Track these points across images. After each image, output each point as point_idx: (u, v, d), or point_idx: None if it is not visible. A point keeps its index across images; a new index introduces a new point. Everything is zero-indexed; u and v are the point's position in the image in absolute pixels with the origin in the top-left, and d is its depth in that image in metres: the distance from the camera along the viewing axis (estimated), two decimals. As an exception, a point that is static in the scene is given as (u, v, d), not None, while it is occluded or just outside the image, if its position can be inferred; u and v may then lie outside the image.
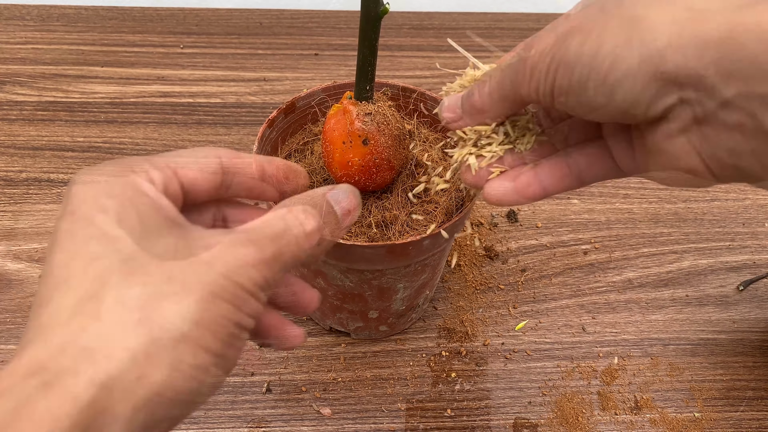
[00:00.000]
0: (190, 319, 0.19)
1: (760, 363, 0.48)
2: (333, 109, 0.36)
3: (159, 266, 0.20)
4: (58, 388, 0.17)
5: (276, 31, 0.79)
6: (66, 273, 0.19)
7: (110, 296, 0.19)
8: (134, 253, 0.20)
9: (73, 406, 0.17)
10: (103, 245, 0.20)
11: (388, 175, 0.37)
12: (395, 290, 0.42)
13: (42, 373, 0.17)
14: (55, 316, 0.18)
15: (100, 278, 0.19)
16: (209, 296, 0.20)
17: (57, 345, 0.18)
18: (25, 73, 0.70)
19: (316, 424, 0.43)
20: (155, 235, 0.21)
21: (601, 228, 0.57)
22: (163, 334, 0.19)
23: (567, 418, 0.44)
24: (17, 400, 0.17)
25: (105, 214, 0.20)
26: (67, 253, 0.20)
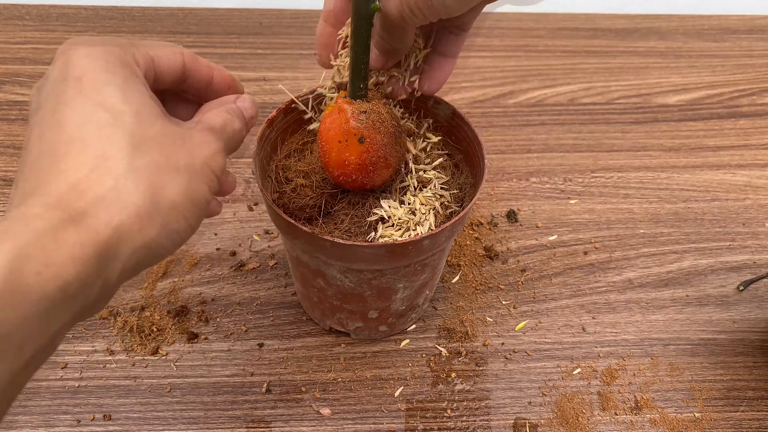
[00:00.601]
0: (182, 193, 0.24)
1: (761, 363, 0.48)
2: (328, 109, 0.36)
3: (157, 145, 0.24)
4: (83, 223, 0.21)
5: (276, 30, 0.79)
6: (80, 132, 0.23)
7: (124, 161, 0.23)
8: (136, 129, 0.24)
9: (95, 240, 0.21)
10: (112, 116, 0.23)
11: (385, 173, 0.37)
12: (395, 290, 0.42)
13: (67, 209, 0.21)
14: (74, 167, 0.22)
15: (114, 144, 0.23)
16: (195, 177, 0.25)
17: (79, 190, 0.22)
18: (25, 73, 0.70)
19: (316, 425, 0.43)
20: (149, 116, 0.25)
21: (601, 228, 0.57)
22: (161, 201, 0.23)
23: (567, 418, 0.44)
24: (51, 225, 0.20)
25: (111, 87, 0.24)
26: (79, 115, 0.23)
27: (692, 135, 0.68)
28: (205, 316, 0.49)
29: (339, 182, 0.37)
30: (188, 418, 0.43)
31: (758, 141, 0.67)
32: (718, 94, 0.73)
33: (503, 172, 0.62)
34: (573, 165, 0.63)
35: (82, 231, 0.21)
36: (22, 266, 0.19)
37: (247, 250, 0.54)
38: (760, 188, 0.62)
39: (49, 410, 0.43)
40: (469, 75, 0.73)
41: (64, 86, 0.24)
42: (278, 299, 0.50)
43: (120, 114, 0.23)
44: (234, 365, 0.46)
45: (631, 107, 0.71)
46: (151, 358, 0.46)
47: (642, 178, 0.62)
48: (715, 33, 0.82)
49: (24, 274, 0.19)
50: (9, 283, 0.19)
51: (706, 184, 0.62)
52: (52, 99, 0.24)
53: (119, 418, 0.43)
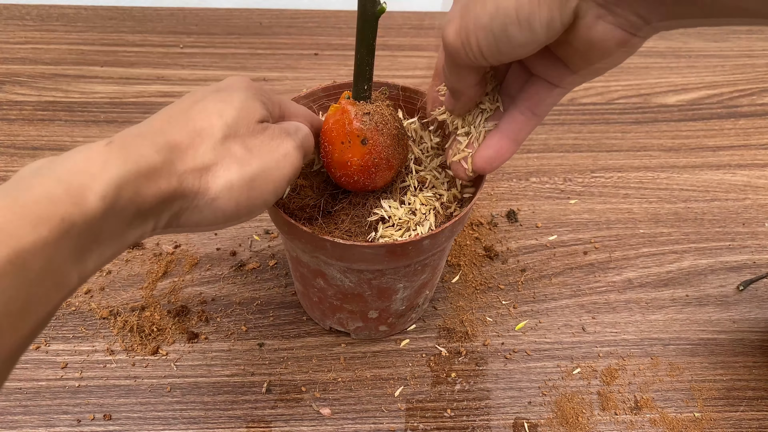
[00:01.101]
0: (246, 177, 0.29)
1: (760, 363, 0.48)
2: (331, 109, 0.36)
3: (243, 138, 0.30)
4: (170, 167, 0.27)
5: (276, 30, 0.79)
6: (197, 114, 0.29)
7: (212, 140, 0.29)
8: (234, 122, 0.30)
9: (170, 182, 0.26)
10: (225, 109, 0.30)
11: (387, 175, 0.37)
12: (395, 290, 0.42)
13: (162, 153, 0.27)
14: (178, 130, 0.28)
15: (212, 126, 0.29)
16: (268, 165, 0.31)
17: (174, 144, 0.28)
18: (25, 73, 0.70)
19: (316, 424, 0.43)
20: (247, 120, 0.31)
21: (601, 228, 0.57)
22: (221, 176, 0.29)
23: (567, 418, 0.44)
24: (146, 162, 0.25)
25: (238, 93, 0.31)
26: (207, 105, 0.30)
27: (692, 135, 0.68)
28: (206, 316, 0.49)
29: (341, 183, 0.37)
30: (188, 417, 0.43)
31: (758, 141, 0.67)
32: (717, 94, 0.73)
33: (503, 172, 0.62)
34: (573, 165, 0.63)
35: (163, 175, 0.26)
36: (123, 189, 0.24)
37: (248, 250, 0.54)
38: (760, 188, 0.62)
39: (49, 410, 0.43)
40: (469, 75, 0.73)
41: (213, 92, 0.31)
42: (278, 299, 0.50)
43: (231, 108, 0.30)
44: (234, 365, 0.46)
45: (631, 107, 0.71)
46: (152, 358, 0.46)
47: (642, 178, 0.62)
48: (715, 33, 0.82)
49: (123, 195, 0.24)
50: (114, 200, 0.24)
51: (706, 184, 0.62)
52: (199, 95, 0.31)
53: (119, 417, 0.43)
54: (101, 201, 0.23)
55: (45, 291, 0.22)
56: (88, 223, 0.23)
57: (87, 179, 0.23)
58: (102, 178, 0.23)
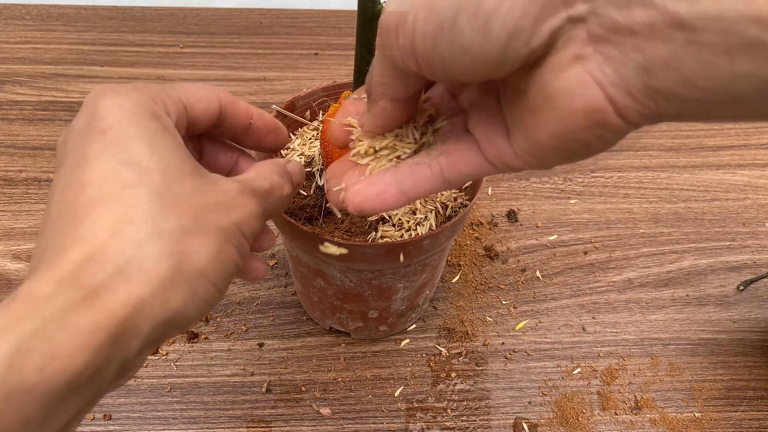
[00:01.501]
0: (211, 258, 0.21)
1: (761, 363, 0.48)
2: (332, 109, 0.36)
3: (186, 205, 0.21)
4: (98, 302, 0.19)
5: (276, 30, 0.79)
6: (101, 193, 0.20)
7: (147, 225, 0.20)
8: (164, 188, 0.21)
9: (111, 321, 0.19)
10: (137, 175, 0.21)
11: (387, 175, 0.37)
12: (395, 290, 0.42)
13: (81, 285, 0.19)
14: (92, 232, 0.20)
15: (137, 206, 0.20)
16: (224, 240, 0.22)
17: (96, 261, 0.19)
18: (25, 73, 0.70)
19: (316, 424, 0.43)
20: (179, 173, 0.22)
21: (601, 228, 0.57)
22: (187, 268, 0.21)
23: (567, 418, 0.44)
24: (60, 308, 0.18)
25: (138, 143, 0.22)
26: (102, 174, 0.21)
27: (692, 135, 0.68)
28: (206, 316, 0.49)
29: (339, 182, 0.37)
30: (188, 417, 0.43)
31: (758, 141, 0.67)
32: (718, 94, 0.73)
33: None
34: (573, 165, 0.63)
35: (96, 312, 0.19)
36: (22, 362, 0.17)
37: (248, 250, 0.54)
38: (760, 188, 0.62)
39: (49, 410, 0.43)
40: (469, 75, 0.73)
41: (88, 140, 0.22)
42: (278, 299, 0.50)
43: (146, 172, 0.21)
44: (234, 365, 0.46)
45: (631, 107, 0.71)
46: (152, 358, 0.46)
47: (642, 178, 0.62)
48: (715, 33, 0.82)
49: (24, 370, 0.17)
50: (7, 382, 0.17)
51: (706, 184, 0.62)
52: (75, 154, 0.22)
53: (119, 417, 0.43)
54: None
55: None
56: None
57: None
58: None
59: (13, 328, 0.18)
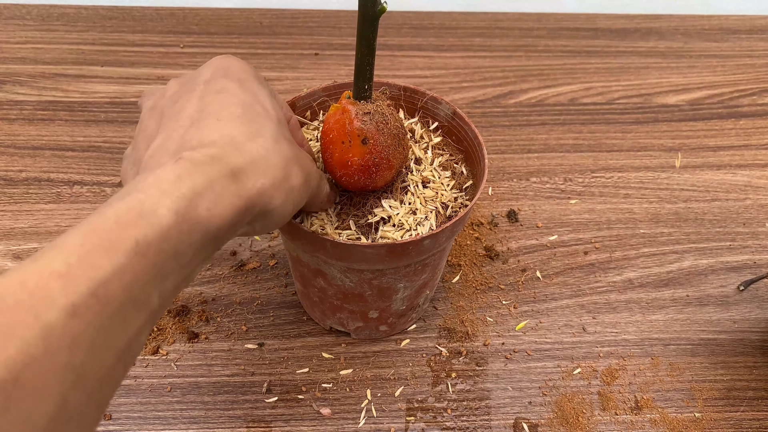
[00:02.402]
0: (299, 182, 0.30)
1: (761, 363, 0.48)
2: (331, 109, 0.36)
3: (288, 143, 0.30)
4: (239, 178, 0.26)
5: (276, 30, 0.79)
6: (243, 111, 0.28)
7: (272, 140, 0.28)
8: (279, 127, 0.30)
9: (246, 195, 0.26)
10: (265, 110, 0.30)
11: (387, 175, 0.37)
12: (395, 290, 0.42)
13: (228, 163, 0.26)
14: (234, 133, 0.27)
15: (266, 127, 0.29)
16: (306, 179, 0.31)
17: (239, 149, 0.27)
18: (25, 73, 0.70)
19: (316, 424, 0.43)
20: (283, 122, 0.31)
21: (601, 228, 0.57)
22: (288, 181, 0.28)
23: (567, 418, 0.44)
24: (217, 174, 0.25)
25: (263, 94, 0.31)
26: (243, 100, 0.29)
27: (692, 135, 0.68)
28: (206, 316, 0.49)
29: (341, 182, 0.37)
30: (189, 417, 0.43)
31: (758, 141, 0.67)
32: (718, 94, 0.73)
33: (503, 172, 0.62)
34: (573, 165, 0.63)
35: (239, 184, 0.25)
36: (197, 202, 0.24)
37: (248, 250, 0.54)
38: (760, 188, 0.62)
39: (49, 410, 0.43)
40: (469, 75, 0.73)
41: (227, 80, 0.30)
42: (278, 299, 0.50)
43: (269, 111, 0.30)
44: (234, 365, 0.46)
45: (631, 107, 0.71)
46: (152, 358, 0.46)
47: (642, 178, 0.62)
48: (715, 33, 0.82)
49: (198, 208, 0.24)
50: (187, 212, 0.23)
51: (706, 184, 0.62)
52: (215, 85, 0.29)
53: (120, 417, 0.43)
54: (174, 215, 0.23)
55: (126, 317, 0.21)
56: (164, 240, 0.22)
57: (158, 197, 0.23)
58: (173, 194, 0.23)
59: (188, 177, 0.24)
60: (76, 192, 0.58)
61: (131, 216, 0.22)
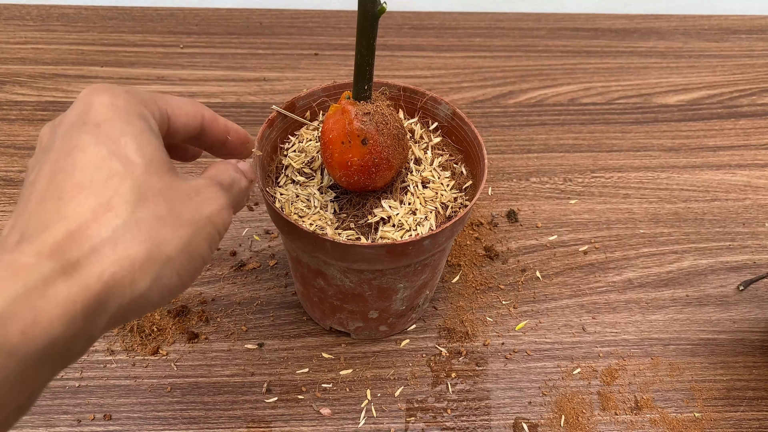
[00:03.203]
0: (180, 248, 0.24)
1: (761, 363, 0.48)
2: (331, 109, 0.36)
3: (162, 198, 0.24)
4: (76, 276, 0.20)
5: (276, 30, 0.79)
6: (89, 178, 0.22)
7: (126, 211, 0.22)
8: (145, 181, 0.23)
9: (85, 294, 0.20)
10: (124, 166, 0.23)
11: (387, 175, 0.37)
12: (395, 290, 0.42)
13: (60, 258, 0.20)
14: (75, 213, 0.22)
15: (119, 194, 0.22)
16: (195, 232, 0.24)
17: (76, 238, 0.21)
18: (25, 73, 0.70)
19: (316, 424, 0.43)
20: (159, 169, 0.24)
21: (601, 228, 0.57)
22: (157, 254, 0.23)
23: (567, 418, 0.44)
24: (41, 278, 0.20)
25: (127, 138, 0.24)
26: (92, 161, 0.23)
27: (692, 135, 0.68)
28: (206, 316, 0.49)
29: (341, 183, 0.37)
30: (188, 418, 0.43)
31: (758, 141, 0.67)
32: (718, 94, 0.73)
33: (503, 172, 0.62)
34: (573, 165, 0.63)
35: (72, 285, 0.20)
36: (6, 324, 0.18)
37: (248, 250, 0.54)
38: (760, 188, 0.62)
39: (49, 410, 0.43)
40: (469, 75, 0.73)
41: (82, 130, 0.24)
42: (278, 299, 0.50)
43: (131, 164, 0.23)
44: (234, 365, 0.46)
45: (631, 107, 0.71)
46: (152, 358, 0.46)
47: (642, 178, 0.62)
48: (715, 33, 0.82)
49: (9, 332, 0.18)
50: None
51: (706, 184, 0.62)
52: (68, 141, 0.23)
53: (120, 417, 0.43)
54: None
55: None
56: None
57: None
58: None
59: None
60: (76, 192, 0.58)
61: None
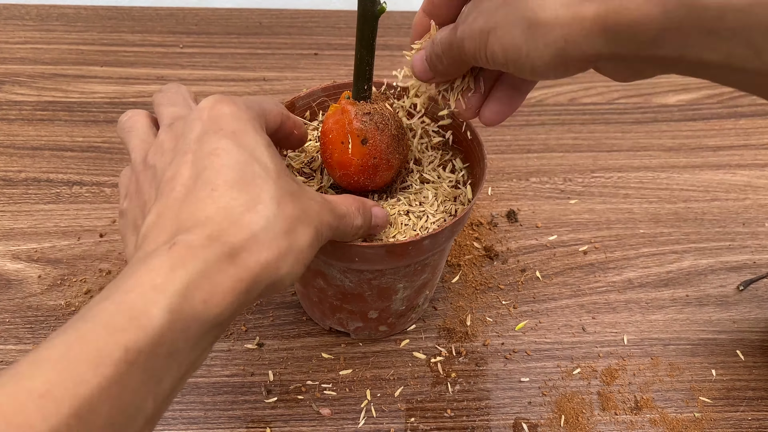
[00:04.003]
0: (307, 243, 0.27)
1: (761, 363, 0.48)
2: (331, 109, 0.36)
3: (296, 201, 0.27)
4: (239, 258, 0.24)
5: (276, 30, 0.79)
6: (239, 177, 0.26)
7: (273, 207, 0.26)
8: (281, 184, 0.27)
9: (248, 274, 0.24)
10: (264, 170, 0.27)
11: (387, 175, 0.37)
12: (395, 290, 0.42)
13: (225, 242, 0.24)
14: (231, 205, 0.25)
15: (265, 192, 0.26)
16: (316, 234, 0.28)
17: (238, 225, 0.25)
18: (25, 73, 0.70)
19: (316, 425, 0.43)
20: (286, 176, 0.28)
21: (601, 228, 0.57)
22: (294, 246, 0.26)
23: (567, 418, 0.44)
24: (214, 258, 0.23)
25: (261, 148, 0.28)
26: (238, 163, 0.26)
27: (692, 135, 0.68)
28: (205, 316, 0.48)
29: (340, 182, 0.37)
30: (188, 418, 0.43)
31: (758, 141, 0.67)
32: (718, 93, 0.73)
33: (503, 172, 0.62)
34: (573, 165, 0.63)
35: (239, 265, 0.24)
36: (193, 294, 0.22)
37: (247, 250, 0.53)
38: (760, 188, 0.62)
39: (49, 410, 0.43)
40: (469, 75, 0.73)
41: (220, 136, 0.27)
42: (278, 299, 0.50)
43: (269, 170, 0.27)
44: (234, 365, 0.46)
45: (631, 107, 0.71)
46: (151, 358, 0.46)
47: (642, 178, 0.62)
48: (715, 33, 0.82)
49: (194, 301, 0.22)
50: (181, 308, 0.22)
51: (706, 184, 0.62)
52: (208, 145, 0.27)
53: (119, 418, 0.43)
54: (168, 314, 0.21)
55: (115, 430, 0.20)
56: (157, 343, 0.21)
57: (150, 294, 0.21)
58: (166, 289, 0.22)
59: (182, 266, 0.22)
60: (76, 192, 0.58)
61: (120, 320, 0.20)
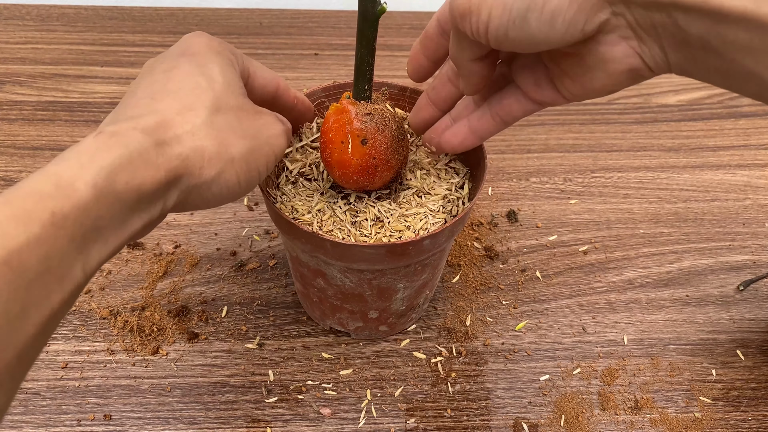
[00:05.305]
0: (242, 153, 0.30)
1: (761, 363, 0.48)
2: (331, 109, 0.36)
3: (234, 113, 0.30)
4: (162, 150, 0.27)
5: (276, 30, 0.79)
6: (180, 87, 0.29)
7: (204, 114, 0.29)
8: (222, 96, 0.30)
9: (167, 166, 0.27)
10: (207, 82, 0.30)
11: (386, 175, 0.37)
12: (395, 290, 0.42)
13: (153, 136, 0.27)
14: (166, 109, 0.28)
15: (200, 101, 0.29)
16: (257, 148, 0.31)
17: (166, 125, 0.27)
18: (25, 73, 0.70)
19: (316, 424, 0.43)
20: (235, 91, 0.31)
21: (601, 228, 0.57)
22: (224, 152, 0.29)
23: (567, 418, 0.44)
24: (140, 146, 0.26)
25: (214, 64, 0.30)
26: (184, 76, 0.30)
27: (692, 135, 0.68)
28: (206, 316, 0.49)
29: (340, 182, 0.37)
30: (188, 417, 0.43)
31: (758, 141, 0.67)
32: (718, 94, 0.73)
33: (503, 172, 0.62)
34: (573, 165, 0.63)
35: (160, 156, 0.26)
36: (116, 174, 0.24)
37: (248, 250, 0.54)
38: (760, 188, 0.62)
39: (49, 410, 0.43)
40: (469, 75, 0.73)
41: (181, 57, 0.30)
42: (278, 299, 0.50)
43: (213, 82, 0.30)
44: (234, 365, 0.46)
45: (631, 107, 0.71)
46: (152, 358, 0.46)
47: (642, 178, 0.62)
48: (715, 33, 0.82)
49: (116, 182, 0.24)
50: (105, 185, 0.24)
51: (706, 184, 0.62)
52: (167, 64, 0.30)
53: (120, 417, 0.43)
54: (92, 189, 0.23)
55: (46, 289, 0.22)
56: (82, 212, 0.23)
57: (76, 170, 0.24)
58: (91, 167, 0.24)
59: (106, 150, 0.25)
60: (76, 192, 0.58)
61: (47, 187, 0.23)
